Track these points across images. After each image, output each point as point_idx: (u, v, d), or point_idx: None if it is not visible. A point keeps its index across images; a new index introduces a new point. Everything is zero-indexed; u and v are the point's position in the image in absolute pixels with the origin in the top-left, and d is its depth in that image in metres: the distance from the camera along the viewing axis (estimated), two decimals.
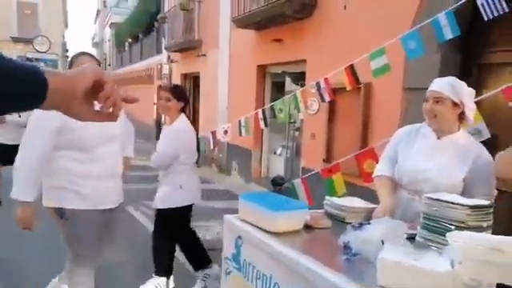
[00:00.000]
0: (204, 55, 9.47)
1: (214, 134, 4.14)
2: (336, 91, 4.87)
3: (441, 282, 1.11)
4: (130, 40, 19.00)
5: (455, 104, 1.85)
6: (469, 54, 3.77)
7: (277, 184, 2.76)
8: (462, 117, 1.89)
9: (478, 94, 2.88)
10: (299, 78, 6.13)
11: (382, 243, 1.37)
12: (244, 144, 7.34)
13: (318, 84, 3.31)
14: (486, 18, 2.51)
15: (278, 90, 7.03)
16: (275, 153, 7.26)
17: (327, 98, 3.32)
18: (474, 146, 1.89)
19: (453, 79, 1.92)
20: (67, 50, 24.44)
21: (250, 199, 1.80)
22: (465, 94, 1.89)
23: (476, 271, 1.12)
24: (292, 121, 6.77)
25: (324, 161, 5.21)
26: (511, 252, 1.10)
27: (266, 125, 3.88)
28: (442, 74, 3.81)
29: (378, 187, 2.00)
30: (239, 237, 1.77)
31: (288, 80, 6.77)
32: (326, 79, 3.29)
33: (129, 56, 19.33)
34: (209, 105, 9.38)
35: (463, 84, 1.90)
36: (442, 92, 1.84)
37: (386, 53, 3.02)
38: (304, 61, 5.89)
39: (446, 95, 1.83)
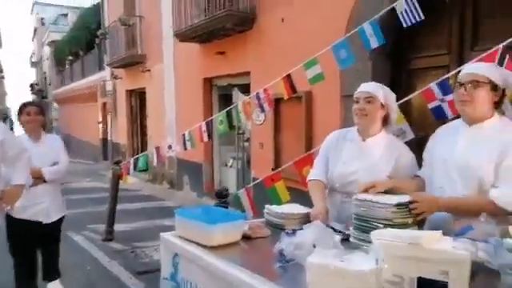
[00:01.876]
0: (148, 70, 9.28)
1: (157, 149, 4.04)
2: (280, 101, 5.03)
3: (365, 280, 1.13)
4: (70, 58, 18.21)
5: (382, 106, 1.97)
6: (398, 61, 4.01)
7: (221, 196, 2.73)
8: (385, 119, 2.00)
9: (405, 97, 3.10)
10: (245, 90, 6.19)
11: (314, 247, 1.39)
12: (194, 158, 7.24)
13: (257, 95, 3.34)
14: (404, 25, 2.68)
15: (226, 102, 7.04)
16: (226, 165, 7.23)
17: (267, 108, 3.37)
18: (396, 145, 2.00)
19: (379, 84, 2.06)
20: (1, 71, 22.89)
21: (185, 215, 1.76)
22: (389, 97, 2.02)
23: (398, 267, 1.17)
24: (241, 132, 6.80)
25: (273, 170, 5.25)
26: (429, 246, 1.16)
27: (209, 137, 3.85)
28: (375, 81, 4.04)
29: (311, 190, 2.05)
30: (176, 254, 1.72)
31: (235, 92, 6.82)
32: (265, 90, 3.34)
33: (70, 74, 18.52)
34: (157, 120, 9.17)
35: (388, 88, 2.04)
36: (373, 93, 1.96)
37: (322, 62, 3.15)
38: (248, 73, 5.97)
39: (376, 96, 1.95)
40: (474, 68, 1.72)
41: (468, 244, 1.17)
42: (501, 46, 2.17)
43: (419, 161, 1.95)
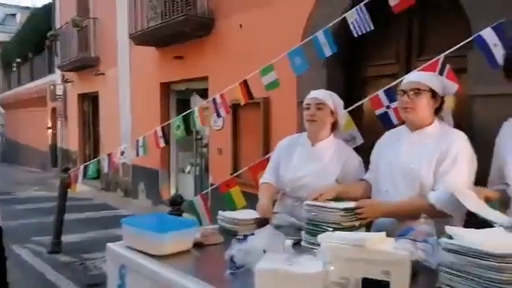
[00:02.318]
0: (102, 74, 8.95)
1: (110, 156, 3.88)
2: (238, 106, 5.04)
3: (313, 283, 1.14)
4: (18, 60, 17.15)
5: (332, 112, 2.03)
6: (351, 69, 4.15)
7: (175, 204, 2.65)
8: (334, 125, 2.07)
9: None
10: (203, 95, 6.14)
11: (264, 252, 1.38)
12: (150, 164, 7.04)
13: (214, 100, 3.32)
14: (355, 35, 2.78)
15: (184, 107, 6.93)
16: (184, 171, 7.10)
17: (223, 114, 3.35)
18: (344, 149, 2.07)
19: (328, 91, 2.12)
20: None
21: (132, 223, 1.69)
22: (338, 104, 2.08)
23: (344, 269, 1.18)
24: (199, 137, 6.72)
25: (231, 175, 5.23)
26: (373, 247, 1.19)
27: (166, 143, 3.76)
28: (329, 88, 4.17)
29: (260, 192, 2.08)
30: (123, 266, 1.64)
31: (194, 97, 6.74)
32: (221, 95, 3.32)
33: (17, 77, 17.45)
34: (111, 126, 8.83)
35: (336, 95, 2.11)
36: (323, 99, 2.02)
37: (280, 68, 3.19)
38: (206, 78, 5.92)
39: (326, 102, 2.01)
40: (415, 77, 1.80)
41: (409, 244, 1.22)
42: (442, 56, 2.30)
43: (368, 165, 2.02)
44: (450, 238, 1.10)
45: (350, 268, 1.18)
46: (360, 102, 2.88)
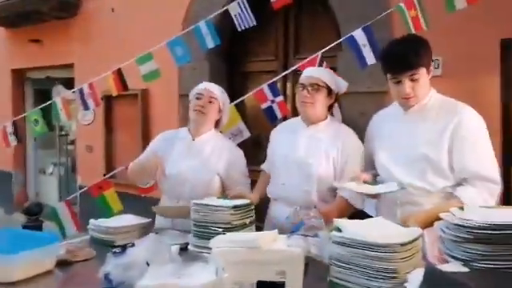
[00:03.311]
0: None
1: None
2: (112, 99, 4.57)
3: None
4: None
5: (220, 110, 1.95)
6: (233, 63, 4.15)
7: (32, 213, 2.20)
8: (218, 122, 1.99)
9: (242, 96, 3.20)
10: (68, 85, 5.40)
11: (148, 264, 1.20)
12: (1, 166, 5.93)
13: (81, 90, 2.89)
14: (239, 29, 2.74)
15: (44, 98, 5.98)
16: (45, 172, 6.18)
17: (92, 106, 2.95)
18: (226, 143, 2.01)
19: (221, 88, 2.01)
20: None
21: None
22: (226, 102, 2.01)
23: (238, 273, 1.10)
24: (64, 133, 5.94)
25: (104, 175, 4.74)
26: (267, 247, 1.13)
27: (19, 141, 3.14)
28: (212, 81, 4.11)
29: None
30: None
31: (57, 87, 5.88)
32: (90, 85, 2.92)
33: None
34: None
35: (226, 94, 2.02)
36: (216, 94, 1.92)
37: (160, 58, 2.95)
38: (71, 65, 5.25)
39: (218, 98, 1.92)
40: (314, 72, 1.85)
41: (300, 240, 1.21)
42: (319, 53, 2.42)
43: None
44: (339, 230, 1.11)
45: (244, 272, 1.10)
46: (246, 96, 2.87)
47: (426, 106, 1.56)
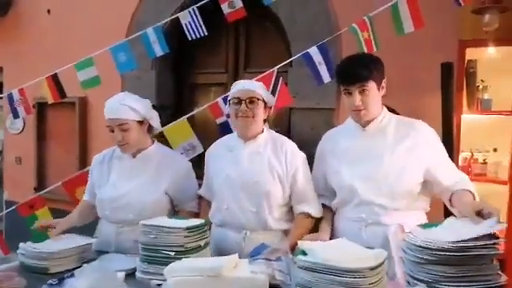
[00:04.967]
0: None
1: None
2: (45, 106, 4.20)
3: None
4: None
5: (141, 121, 1.77)
6: (180, 74, 4.02)
7: None
8: (149, 130, 1.84)
9: (189, 111, 3.08)
10: None
11: None
12: None
13: (10, 96, 2.60)
14: (189, 38, 2.65)
15: None
16: None
17: (22, 114, 2.66)
18: (170, 159, 1.86)
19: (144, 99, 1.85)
20: None
21: None
22: (149, 107, 1.84)
23: None
24: None
25: (35, 190, 4.31)
26: (229, 274, 1.04)
27: None
28: (159, 92, 3.96)
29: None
30: None
31: None
32: (21, 90, 2.63)
33: None
34: None
35: (144, 101, 1.85)
36: (121, 118, 1.71)
37: (101, 66, 2.75)
38: (0, 69, 4.76)
39: (127, 119, 1.72)
40: (250, 85, 1.75)
41: (263, 265, 1.13)
42: (275, 68, 2.40)
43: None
44: (304, 253, 1.06)
45: None
46: (200, 109, 2.73)
47: (382, 122, 1.58)
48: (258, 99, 1.69)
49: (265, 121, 1.78)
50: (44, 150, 4.50)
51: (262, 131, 1.75)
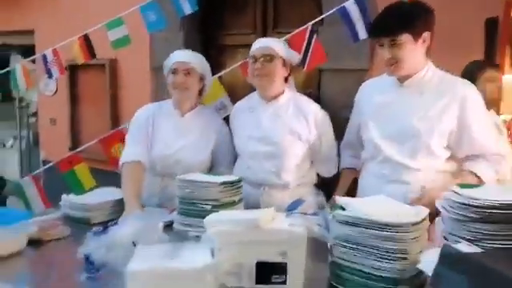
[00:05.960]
0: None
1: None
2: (77, 69, 4.28)
3: (201, 278, 0.94)
4: None
5: (201, 78, 1.81)
6: (208, 35, 3.96)
7: None
8: (200, 92, 1.85)
9: (217, 73, 3.06)
10: (27, 53, 5.00)
11: (134, 245, 1.11)
12: None
13: (44, 57, 2.65)
14: None
15: (1, 66, 5.53)
16: (5, 145, 5.82)
17: (56, 74, 2.72)
18: (214, 119, 1.89)
19: (199, 54, 1.86)
20: None
21: None
22: (208, 68, 1.86)
23: (236, 255, 1.03)
24: (24, 104, 5.56)
25: (70, 150, 4.50)
26: (267, 226, 1.06)
27: None
28: None
29: (125, 178, 1.70)
30: None
31: (16, 57, 5.44)
32: (54, 50, 2.68)
33: None
34: None
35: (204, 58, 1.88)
36: (190, 62, 1.75)
37: (130, 25, 2.75)
38: (31, 31, 4.84)
39: (196, 68, 1.76)
40: (266, 42, 1.72)
41: (301, 219, 1.15)
42: (309, 25, 2.30)
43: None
44: (342, 209, 1.06)
45: (242, 253, 1.03)
46: (231, 68, 2.72)
47: (424, 78, 1.48)
48: (274, 56, 1.64)
49: (286, 79, 1.74)
50: (77, 111, 4.62)
51: (283, 92, 1.72)
